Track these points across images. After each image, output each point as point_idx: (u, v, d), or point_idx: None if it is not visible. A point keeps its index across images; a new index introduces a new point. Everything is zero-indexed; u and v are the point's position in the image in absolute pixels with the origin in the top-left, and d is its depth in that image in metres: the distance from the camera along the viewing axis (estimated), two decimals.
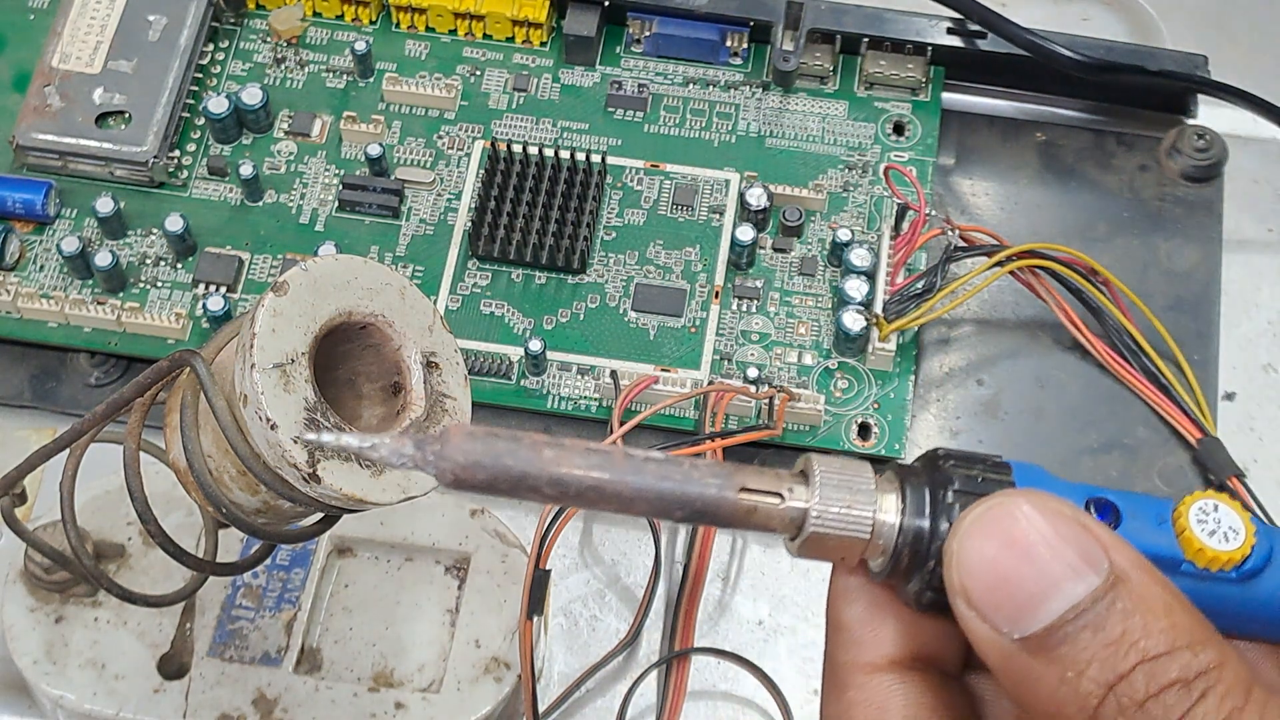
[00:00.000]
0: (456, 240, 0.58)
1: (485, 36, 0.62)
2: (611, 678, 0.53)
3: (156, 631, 0.50)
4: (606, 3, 0.61)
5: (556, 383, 0.55)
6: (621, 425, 0.52)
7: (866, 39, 0.60)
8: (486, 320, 0.56)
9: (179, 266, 0.57)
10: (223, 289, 0.56)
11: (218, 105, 0.58)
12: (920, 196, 0.56)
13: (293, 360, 0.36)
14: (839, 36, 0.60)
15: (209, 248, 0.57)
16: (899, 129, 0.60)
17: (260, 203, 0.58)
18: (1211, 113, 0.61)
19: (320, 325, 0.37)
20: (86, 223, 0.58)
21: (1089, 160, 0.61)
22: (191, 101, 0.60)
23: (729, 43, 0.61)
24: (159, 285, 0.57)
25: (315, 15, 0.62)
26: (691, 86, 0.61)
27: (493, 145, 0.58)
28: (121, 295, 0.56)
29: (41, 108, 0.58)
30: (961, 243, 0.55)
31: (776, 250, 0.57)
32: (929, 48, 0.60)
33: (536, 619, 0.49)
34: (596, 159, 0.58)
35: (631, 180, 0.59)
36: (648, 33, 0.61)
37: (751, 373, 0.54)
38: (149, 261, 0.57)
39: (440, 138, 0.60)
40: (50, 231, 0.58)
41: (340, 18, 0.62)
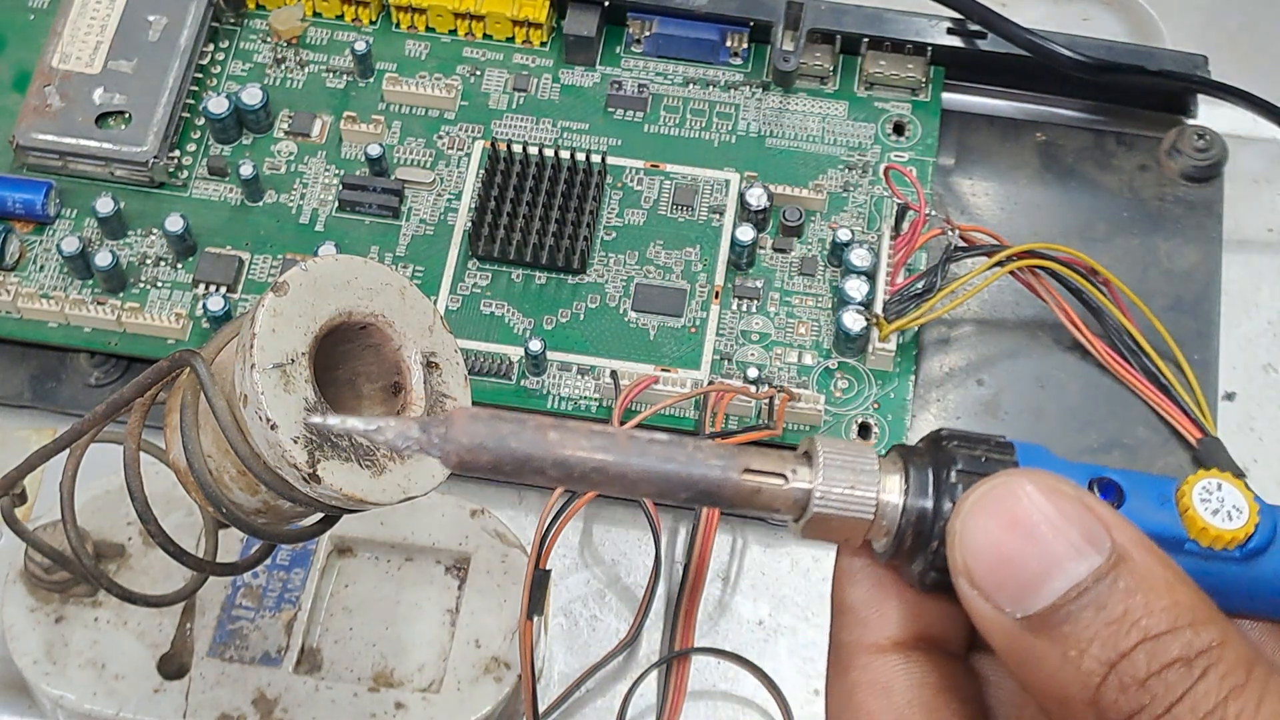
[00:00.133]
0: (456, 240, 0.58)
1: (485, 36, 0.62)
2: (611, 678, 0.53)
3: (156, 631, 0.50)
4: (606, 3, 0.61)
5: (556, 383, 0.55)
6: (621, 425, 0.52)
7: (866, 39, 0.60)
8: (486, 320, 0.56)
9: (179, 266, 0.57)
10: (223, 289, 0.56)
11: (218, 105, 0.58)
12: (920, 196, 0.56)
13: (293, 360, 0.36)
14: (839, 36, 0.60)
15: (209, 248, 0.57)
16: (899, 129, 0.60)
17: (260, 203, 0.58)
18: (1211, 113, 0.61)
19: (320, 325, 0.37)
20: (86, 223, 0.58)
21: (1089, 160, 0.61)
22: (191, 101, 0.60)
23: (729, 43, 0.61)
24: (159, 285, 0.57)
25: (315, 15, 0.62)
26: (691, 86, 0.61)
27: (493, 145, 0.58)
28: (121, 295, 0.56)
29: (41, 108, 0.58)
30: (961, 243, 0.55)
31: (776, 250, 0.57)
32: (929, 48, 0.60)
33: (536, 619, 0.49)
34: (596, 159, 0.58)
35: (631, 180, 0.59)
36: (648, 33, 0.61)
37: (751, 373, 0.54)
38: (149, 261, 0.57)
39: (440, 138, 0.60)
40: (50, 231, 0.58)
41: (340, 18, 0.62)
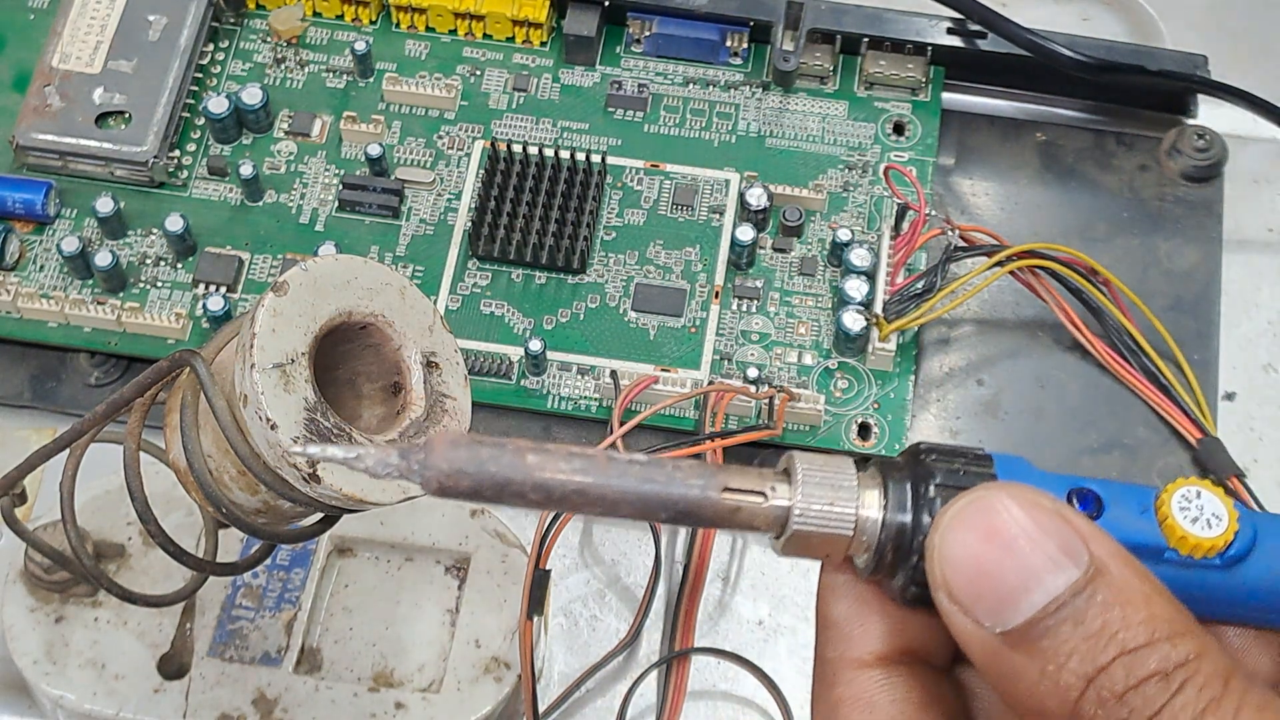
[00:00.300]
0: (456, 240, 0.58)
1: (485, 36, 0.62)
2: (611, 678, 0.53)
3: (156, 631, 0.50)
4: (606, 3, 0.61)
5: (556, 383, 0.55)
6: (621, 425, 0.52)
7: (866, 39, 0.60)
8: (486, 320, 0.56)
9: (179, 266, 0.57)
10: (223, 289, 0.56)
11: (218, 105, 0.58)
12: (920, 196, 0.56)
13: (293, 360, 0.36)
14: (839, 36, 0.60)
15: (209, 248, 0.57)
16: (899, 129, 0.60)
17: (260, 203, 0.58)
18: (1211, 113, 0.61)
19: (320, 325, 0.37)
20: (86, 223, 0.58)
21: (1089, 160, 0.61)
22: (191, 101, 0.60)
23: (729, 43, 0.61)
24: (159, 285, 0.57)
25: (315, 15, 0.62)
26: (691, 86, 0.61)
27: (493, 145, 0.58)
28: (121, 295, 0.56)
29: (41, 108, 0.58)
30: (961, 243, 0.55)
31: (776, 250, 0.57)
32: (929, 48, 0.60)
33: (536, 619, 0.49)
34: (596, 159, 0.58)
35: (631, 180, 0.59)
36: (648, 33, 0.61)
37: (751, 373, 0.54)
38: (149, 261, 0.57)
39: (440, 138, 0.60)
40: (50, 231, 0.58)
41: (340, 18, 0.62)
